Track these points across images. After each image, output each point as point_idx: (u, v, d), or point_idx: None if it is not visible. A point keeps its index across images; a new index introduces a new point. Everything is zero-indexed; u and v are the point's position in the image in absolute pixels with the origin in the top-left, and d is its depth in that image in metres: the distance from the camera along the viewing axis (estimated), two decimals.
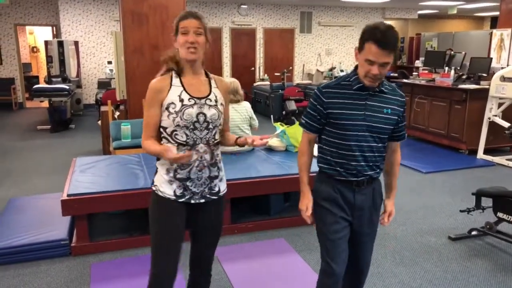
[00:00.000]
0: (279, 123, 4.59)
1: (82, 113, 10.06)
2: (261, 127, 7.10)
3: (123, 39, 5.27)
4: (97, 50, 10.63)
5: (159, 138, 1.96)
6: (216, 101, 1.97)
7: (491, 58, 6.86)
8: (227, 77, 11.53)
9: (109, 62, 10.48)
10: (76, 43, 10.18)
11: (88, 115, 9.84)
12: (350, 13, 12.47)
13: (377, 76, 1.79)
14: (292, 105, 7.68)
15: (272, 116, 8.80)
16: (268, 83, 10.35)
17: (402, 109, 1.95)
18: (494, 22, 15.11)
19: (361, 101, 1.87)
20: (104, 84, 9.98)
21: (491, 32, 10.20)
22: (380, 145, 1.93)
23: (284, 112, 8.17)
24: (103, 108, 6.31)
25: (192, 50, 1.88)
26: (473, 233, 3.62)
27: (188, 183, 1.94)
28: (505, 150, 6.47)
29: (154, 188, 1.98)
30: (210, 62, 11.42)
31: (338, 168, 1.94)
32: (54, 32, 11.20)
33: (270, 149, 4.40)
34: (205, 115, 1.92)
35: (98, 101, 8.77)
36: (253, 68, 11.92)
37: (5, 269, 3.07)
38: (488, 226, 3.54)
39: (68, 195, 3.19)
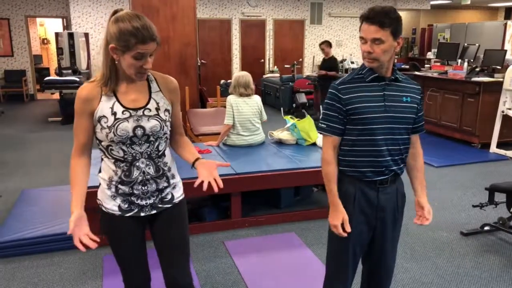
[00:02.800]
0: (289, 116, 4.57)
1: None
2: (271, 120, 7.08)
3: None
4: None
5: (89, 154, 1.75)
6: (157, 109, 1.71)
7: (506, 50, 6.73)
8: (237, 69, 11.50)
9: None
10: (86, 35, 10.20)
11: None
12: (361, 3, 12.32)
13: (371, 55, 1.74)
14: (302, 98, 7.64)
15: (282, 108, 8.77)
16: (277, 75, 10.29)
17: (419, 97, 1.90)
18: (509, 13, 14.83)
19: (379, 92, 1.81)
20: None
21: (506, 23, 10.02)
22: (404, 136, 1.87)
23: (294, 105, 8.13)
24: None
25: (145, 75, 1.66)
26: (486, 228, 3.58)
27: (132, 198, 1.75)
28: None
29: (98, 202, 1.80)
30: (220, 55, 11.39)
31: (362, 169, 1.84)
32: (65, 24, 11.24)
33: (280, 143, 4.39)
34: (143, 128, 1.67)
35: None
36: (262, 60, 11.85)
37: (20, 260, 3.12)
38: (501, 222, 3.50)
39: None
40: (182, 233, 1.89)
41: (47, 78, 8.52)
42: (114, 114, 1.64)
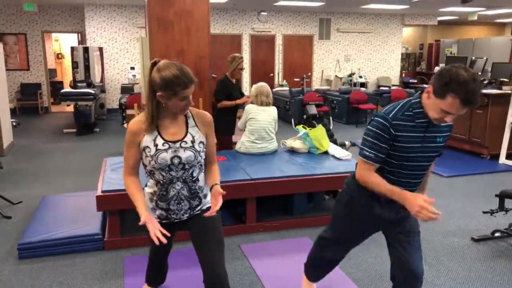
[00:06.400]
0: (301, 125, 4.68)
1: (105, 117, 10.32)
2: (282, 132, 7.19)
3: (149, 45, 5.45)
4: (120, 56, 10.91)
5: (138, 173, 2.12)
6: (193, 141, 2.03)
7: None
8: (247, 83, 11.69)
9: (132, 68, 10.74)
10: (100, 49, 10.48)
11: (111, 120, 10.08)
12: (369, 19, 12.53)
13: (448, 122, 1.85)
14: (312, 109, 7.76)
15: (293, 120, 8.91)
16: (286, 89, 10.46)
17: (449, 133, 2.02)
18: None
19: (420, 133, 1.92)
20: (127, 89, 10.24)
21: None
22: (428, 164, 2.04)
23: (304, 116, 8.25)
24: (128, 112, 6.50)
25: (187, 110, 2.01)
26: (497, 234, 3.64)
27: (169, 212, 2.13)
28: None
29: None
30: None
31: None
32: (80, 39, 11.54)
33: (293, 151, 4.50)
34: (180, 158, 2.00)
35: (122, 105, 9.00)
36: (272, 74, 12.04)
37: (45, 260, 3.24)
38: (511, 228, 3.56)
39: (102, 191, 3.34)
40: (214, 223, 2.12)
41: (63, 90, 8.73)
42: (156, 145, 1.99)
